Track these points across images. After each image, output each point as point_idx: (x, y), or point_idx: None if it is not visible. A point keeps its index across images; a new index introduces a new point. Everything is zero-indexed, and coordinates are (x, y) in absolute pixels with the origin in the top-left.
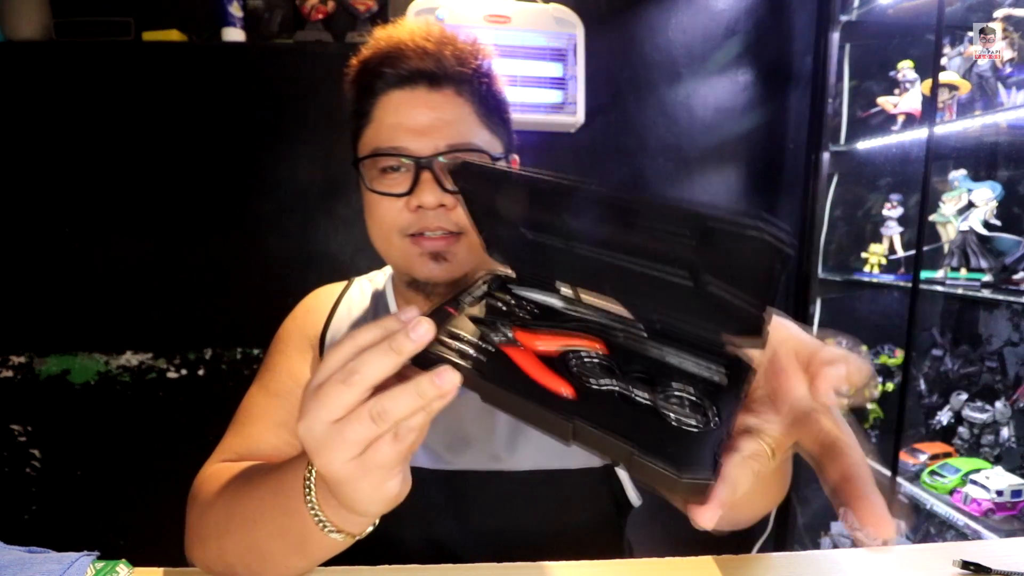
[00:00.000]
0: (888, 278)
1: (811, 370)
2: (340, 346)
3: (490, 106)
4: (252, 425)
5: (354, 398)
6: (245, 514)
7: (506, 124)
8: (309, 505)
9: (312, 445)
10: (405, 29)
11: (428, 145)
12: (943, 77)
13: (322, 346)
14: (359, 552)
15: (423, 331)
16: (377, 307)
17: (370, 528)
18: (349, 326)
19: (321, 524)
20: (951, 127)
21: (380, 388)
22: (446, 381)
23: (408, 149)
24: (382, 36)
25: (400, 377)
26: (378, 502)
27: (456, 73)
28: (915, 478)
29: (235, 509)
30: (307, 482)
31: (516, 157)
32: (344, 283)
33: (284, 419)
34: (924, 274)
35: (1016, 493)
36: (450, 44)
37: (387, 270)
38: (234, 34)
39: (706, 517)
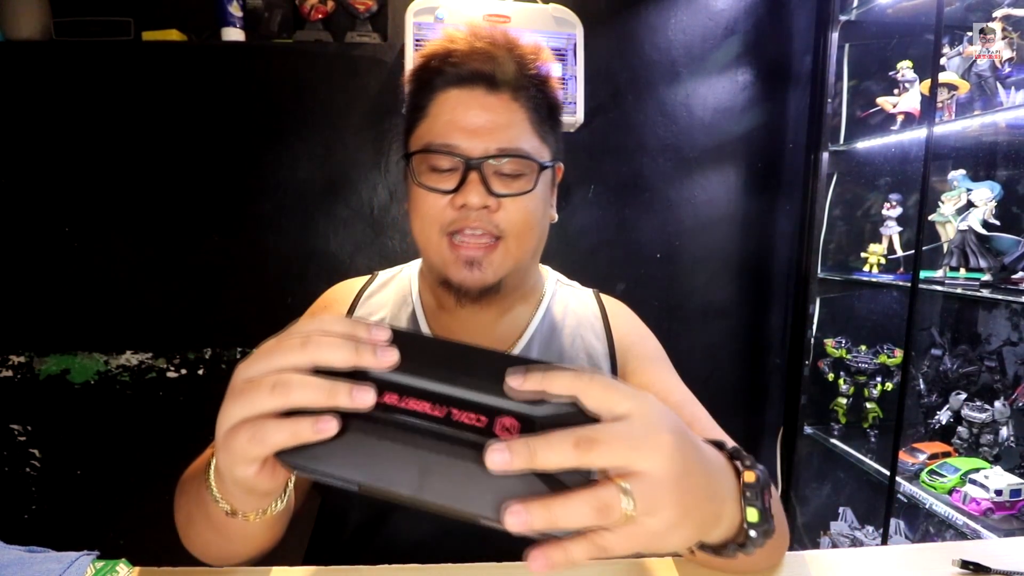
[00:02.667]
0: (887, 278)
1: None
2: (305, 323)
3: (543, 113)
4: None
5: (269, 403)
6: (189, 501)
7: (556, 131)
8: (208, 487)
9: (220, 432)
10: (470, 32)
11: (479, 146)
12: (942, 77)
13: None
14: (367, 549)
15: (389, 358)
16: (402, 303)
17: (276, 506)
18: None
19: (216, 501)
20: (950, 127)
21: None
22: (361, 400)
23: (459, 148)
24: (448, 36)
25: None
26: (267, 481)
27: (515, 79)
28: (914, 478)
29: (186, 497)
30: (209, 468)
31: (562, 166)
32: (367, 277)
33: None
34: (923, 274)
35: (1015, 492)
36: (513, 50)
37: (412, 265)
38: (234, 34)
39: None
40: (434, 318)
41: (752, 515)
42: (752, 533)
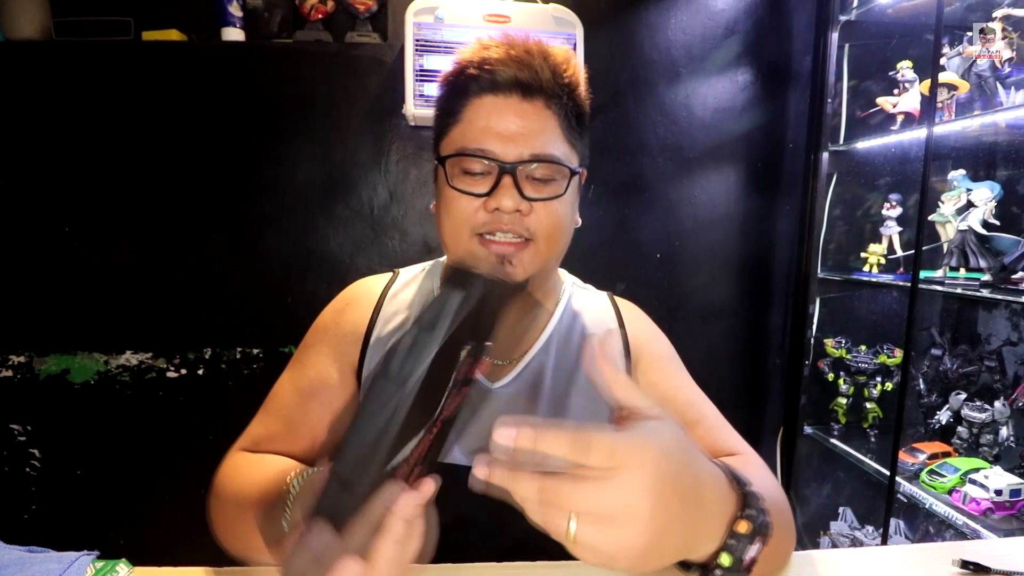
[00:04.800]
0: (887, 278)
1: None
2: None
3: (572, 120)
4: (271, 416)
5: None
6: (238, 529)
7: (584, 138)
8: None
9: None
10: (506, 39)
11: (513, 151)
12: (942, 77)
13: (366, 342)
14: None
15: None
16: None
17: None
18: (395, 325)
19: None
20: (950, 127)
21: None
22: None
23: (494, 153)
24: (483, 42)
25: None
26: None
27: (549, 87)
28: (914, 477)
29: (236, 523)
30: (286, 509)
31: (585, 172)
32: (388, 275)
33: (300, 416)
34: (923, 274)
35: (1015, 492)
36: (548, 58)
37: (433, 264)
38: (234, 34)
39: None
40: None
41: (725, 560)
42: (717, 572)
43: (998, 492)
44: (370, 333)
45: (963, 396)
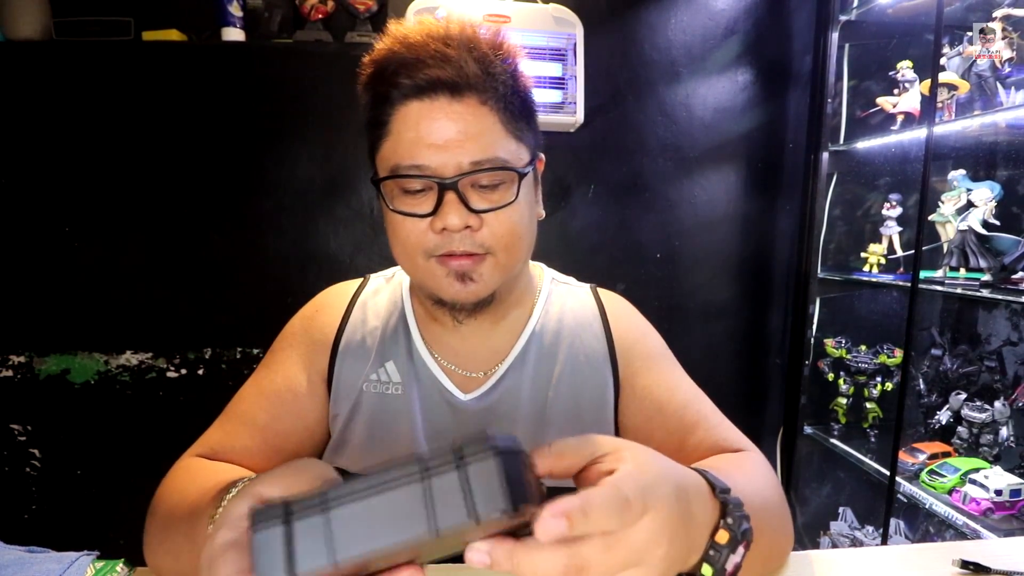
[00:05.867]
0: (887, 278)
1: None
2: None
3: (516, 112)
4: (233, 421)
5: None
6: (172, 542)
7: (532, 127)
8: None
9: None
10: (422, 30)
11: (451, 162)
12: (942, 77)
13: (335, 349)
14: None
15: None
16: (394, 312)
17: None
18: (364, 334)
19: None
20: (950, 127)
21: None
22: None
23: (430, 168)
24: (397, 36)
25: None
26: None
27: (479, 80)
28: (914, 477)
29: (167, 533)
30: (210, 524)
31: (543, 157)
32: (359, 281)
33: (265, 422)
34: (923, 274)
35: (1015, 492)
36: (473, 47)
37: (403, 271)
38: (234, 34)
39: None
40: (426, 329)
41: (707, 571)
42: None
43: (998, 492)
44: (339, 340)
45: (963, 396)
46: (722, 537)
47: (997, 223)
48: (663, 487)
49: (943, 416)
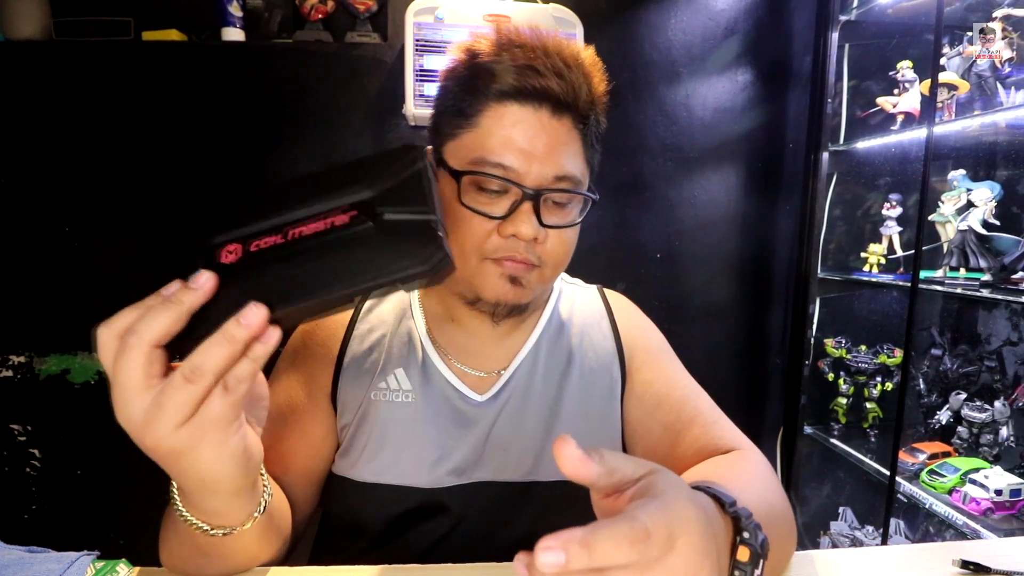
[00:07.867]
0: (887, 278)
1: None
2: (119, 316)
3: (594, 139)
4: None
5: (138, 359)
6: (167, 529)
7: (597, 156)
8: (179, 513)
9: (136, 428)
10: (537, 36)
11: (537, 173)
12: (942, 77)
13: (339, 363)
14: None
15: (204, 280)
16: (402, 317)
17: (256, 515)
18: (370, 345)
19: (195, 527)
20: (950, 127)
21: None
22: (252, 318)
23: (517, 172)
24: (508, 34)
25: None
26: (226, 462)
27: (585, 106)
28: (914, 477)
29: (172, 543)
30: (171, 493)
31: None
32: None
33: (268, 443)
34: (923, 274)
35: (1015, 492)
36: (586, 72)
37: None
38: (234, 34)
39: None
40: (438, 329)
41: None
42: None
43: (998, 492)
44: (343, 354)
45: (963, 396)
46: (743, 555)
47: (997, 223)
48: (691, 511)
49: (943, 416)
